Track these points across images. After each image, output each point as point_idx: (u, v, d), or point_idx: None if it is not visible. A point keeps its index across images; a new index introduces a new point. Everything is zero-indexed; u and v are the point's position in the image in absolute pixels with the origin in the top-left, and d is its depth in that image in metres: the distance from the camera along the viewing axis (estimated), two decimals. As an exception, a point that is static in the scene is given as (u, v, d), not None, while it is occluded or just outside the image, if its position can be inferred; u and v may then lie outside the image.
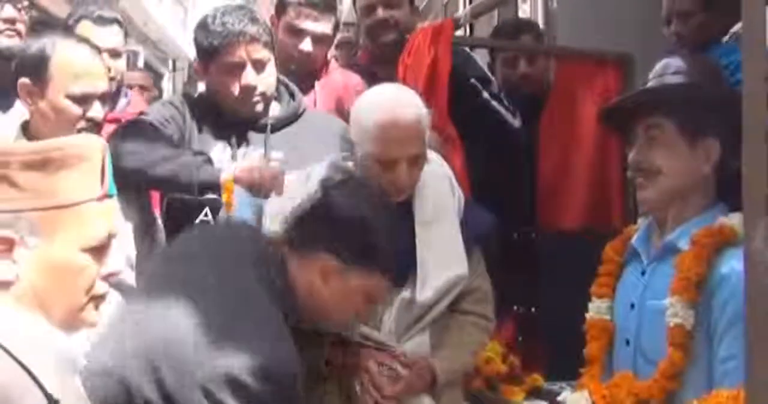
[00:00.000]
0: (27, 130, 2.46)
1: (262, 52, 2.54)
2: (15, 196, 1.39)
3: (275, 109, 2.69)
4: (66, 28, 3.15)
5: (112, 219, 1.49)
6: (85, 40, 2.56)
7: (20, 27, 2.97)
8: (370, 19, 3.23)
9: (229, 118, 2.60)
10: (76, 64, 2.41)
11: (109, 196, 1.49)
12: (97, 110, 2.40)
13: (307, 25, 2.94)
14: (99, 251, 1.46)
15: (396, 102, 2.27)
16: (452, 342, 2.34)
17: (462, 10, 2.98)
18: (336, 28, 3.04)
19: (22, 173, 1.39)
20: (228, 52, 2.51)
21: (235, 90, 2.53)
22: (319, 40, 2.96)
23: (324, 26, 2.96)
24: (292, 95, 2.74)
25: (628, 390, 2.02)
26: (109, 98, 2.53)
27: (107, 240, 1.48)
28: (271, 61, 2.58)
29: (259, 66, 2.54)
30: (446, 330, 2.35)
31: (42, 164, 1.42)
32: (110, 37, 3.18)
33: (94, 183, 1.46)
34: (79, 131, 2.35)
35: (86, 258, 1.44)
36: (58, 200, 1.42)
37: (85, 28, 3.15)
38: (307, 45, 2.94)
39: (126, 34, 3.35)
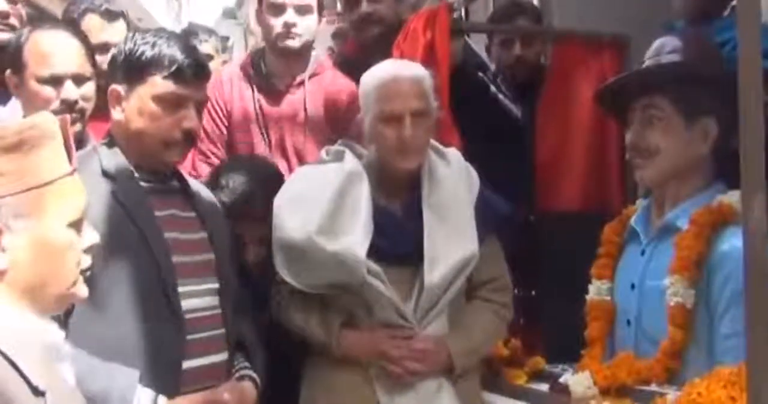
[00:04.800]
0: None
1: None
2: None
3: None
4: (69, 20, 3.11)
5: (83, 191, 1.50)
6: (62, 26, 2.55)
7: (14, 21, 2.93)
8: (354, 13, 3.18)
9: None
10: (44, 47, 2.41)
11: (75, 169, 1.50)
12: (69, 90, 2.38)
13: None
14: (79, 224, 1.47)
15: (396, 64, 2.45)
16: (469, 326, 2.35)
17: (457, -6, 2.95)
18: (321, 2, 2.99)
19: (2, 157, 1.39)
20: None
21: None
22: (302, 11, 2.90)
23: None
24: None
25: (630, 369, 2.03)
26: (89, 80, 2.49)
27: (84, 212, 1.49)
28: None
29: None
30: (464, 315, 2.37)
31: (19, 145, 1.41)
32: (118, 32, 3.08)
33: (64, 158, 1.46)
34: (54, 113, 2.33)
35: (72, 233, 1.45)
36: (38, 179, 1.42)
37: (92, 21, 3.10)
38: (290, 16, 2.88)
39: (129, 28, 3.31)
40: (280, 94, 2.98)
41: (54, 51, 2.40)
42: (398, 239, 2.31)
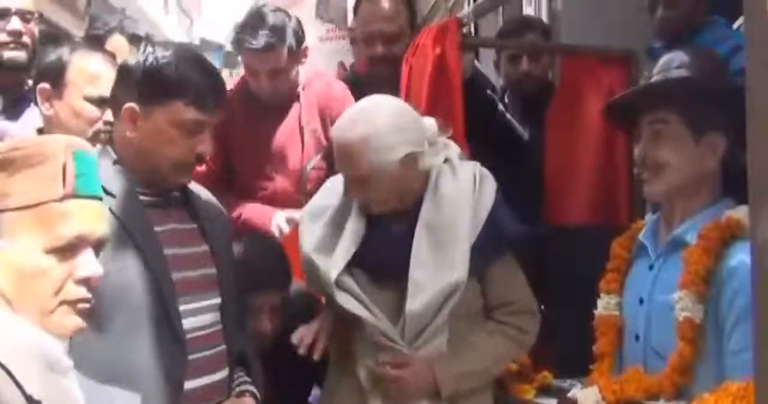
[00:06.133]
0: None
1: None
2: None
3: None
4: (95, 37, 3.14)
5: (83, 220, 1.45)
6: (99, 49, 2.61)
7: (26, 40, 2.96)
8: (371, 52, 3.20)
9: None
10: (92, 68, 2.47)
11: (76, 196, 1.45)
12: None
13: (259, 65, 2.96)
14: (66, 253, 1.43)
15: (351, 120, 2.22)
16: (468, 348, 2.29)
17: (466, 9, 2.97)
18: (300, 47, 3.02)
19: None
20: None
21: None
22: (275, 73, 2.96)
23: (275, 62, 2.94)
24: None
25: (638, 385, 2.02)
26: None
27: (75, 241, 1.44)
28: None
29: None
30: (470, 336, 2.31)
31: (1, 165, 1.40)
32: None
33: (55, 183, 1.43)
34: (97, 133, 2.39)
35: (50, 260, 1.41)
36: (18, 201, 1.40)
37: (119, 42, 3.13)
38: (264, 82, 2.98)
39: None
40: (274, 114, 3.01)
41: (102, 74, 2.45)
42: (386, 258, 2.26)
